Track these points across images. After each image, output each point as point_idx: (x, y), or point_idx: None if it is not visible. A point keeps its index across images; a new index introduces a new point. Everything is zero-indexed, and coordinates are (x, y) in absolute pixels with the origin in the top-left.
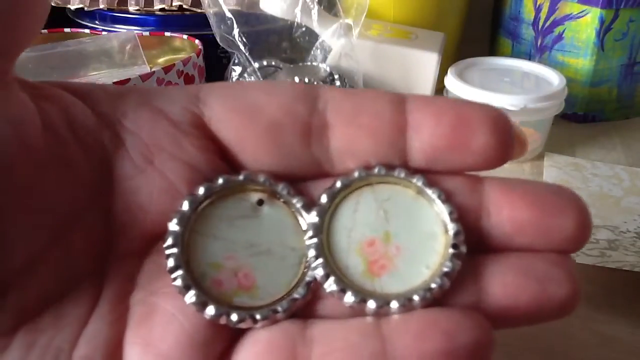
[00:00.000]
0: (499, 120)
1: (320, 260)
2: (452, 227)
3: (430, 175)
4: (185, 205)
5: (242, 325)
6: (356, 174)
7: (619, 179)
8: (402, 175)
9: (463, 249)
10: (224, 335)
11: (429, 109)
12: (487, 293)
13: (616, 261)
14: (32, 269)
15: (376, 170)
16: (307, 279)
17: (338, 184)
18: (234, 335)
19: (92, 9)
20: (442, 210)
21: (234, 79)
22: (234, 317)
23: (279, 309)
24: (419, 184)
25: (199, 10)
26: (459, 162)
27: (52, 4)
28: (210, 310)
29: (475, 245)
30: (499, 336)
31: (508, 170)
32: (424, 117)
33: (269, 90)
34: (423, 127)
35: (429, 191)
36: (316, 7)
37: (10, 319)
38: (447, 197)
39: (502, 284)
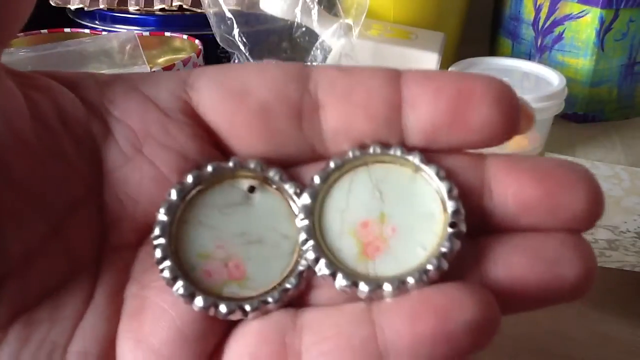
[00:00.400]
0: (503, 92)
1: (310, 243)
2: (450, 205)
3: (429, 154)
4: (173, 194)
5: (232, 317)
6: (350, 154)
7: (619, 179)
8: (399, 153)
9: (462, 227)
10: (216, 329)
11: (427, 83)
12: (491, 276)
13: (616, 261)
14: (29, 263)
15: (371, 149)
16: (300, 268)
17: (331, 165)
18: (227, 329)
19: (92, 9)
20: (440, 188)
21: None
22: (223, 308)
23: (270, 299)
24: (416, 161)
25: (199, 10)
26: (460, 139)
27: (52, 4)
28: (199, 302)
29: (478, 226)
30: (497, 335)
31: None
32: (421, 92)
33: (259, 71)
34: (421, 103)
35: (427, 168)
36: (316, 7)
37: (5, 313)
38: (446, 174)
39: (508, 265)
